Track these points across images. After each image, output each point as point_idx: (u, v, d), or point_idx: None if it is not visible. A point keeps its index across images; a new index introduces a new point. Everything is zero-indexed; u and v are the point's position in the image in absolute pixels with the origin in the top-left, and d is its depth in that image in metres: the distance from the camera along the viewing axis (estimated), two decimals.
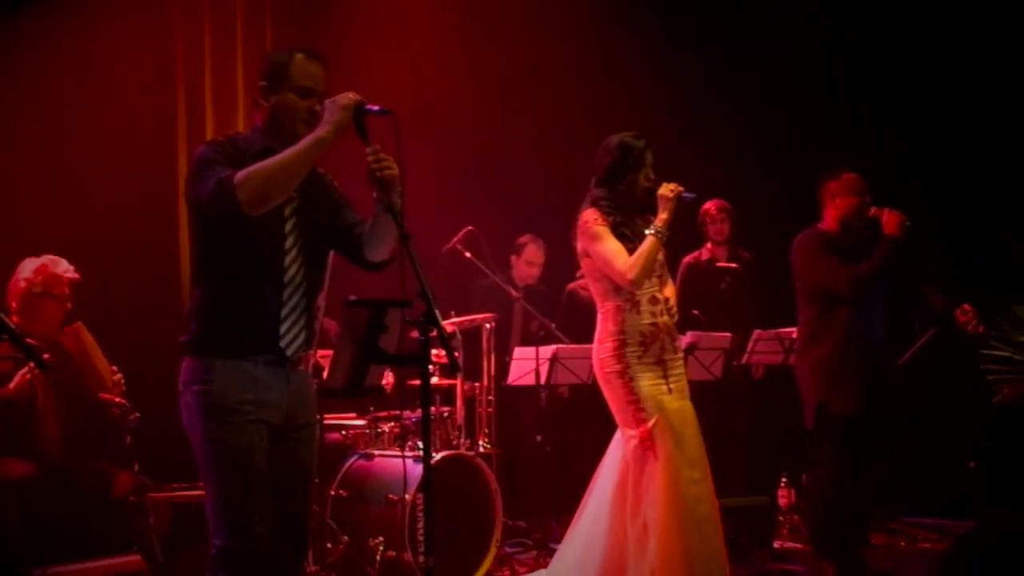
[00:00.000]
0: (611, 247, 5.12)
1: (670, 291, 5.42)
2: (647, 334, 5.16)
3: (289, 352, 3.80)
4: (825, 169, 6.41)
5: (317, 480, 6.25)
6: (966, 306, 6.17)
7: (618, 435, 5.27)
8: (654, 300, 5.21)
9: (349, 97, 3.67)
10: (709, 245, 8.14)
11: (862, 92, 8.75)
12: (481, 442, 7.10)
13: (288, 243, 3.79)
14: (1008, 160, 7.84)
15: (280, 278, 3.77)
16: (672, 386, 5.19)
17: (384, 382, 6.92)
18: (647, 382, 5.13)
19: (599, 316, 5.28)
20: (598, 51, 8.90)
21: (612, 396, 5.22)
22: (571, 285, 8.10)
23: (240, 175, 3.59)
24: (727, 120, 8.94)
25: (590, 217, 5.19)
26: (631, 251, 5.11)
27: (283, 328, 3.77)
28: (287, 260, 3.79)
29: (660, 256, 5.27)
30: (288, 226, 3.80)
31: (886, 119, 8.61)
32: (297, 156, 3.65)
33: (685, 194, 5.17)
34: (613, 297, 5.19)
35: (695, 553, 4.99)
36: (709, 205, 8.05)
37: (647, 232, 5.12)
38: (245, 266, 3.73)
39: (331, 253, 4.00)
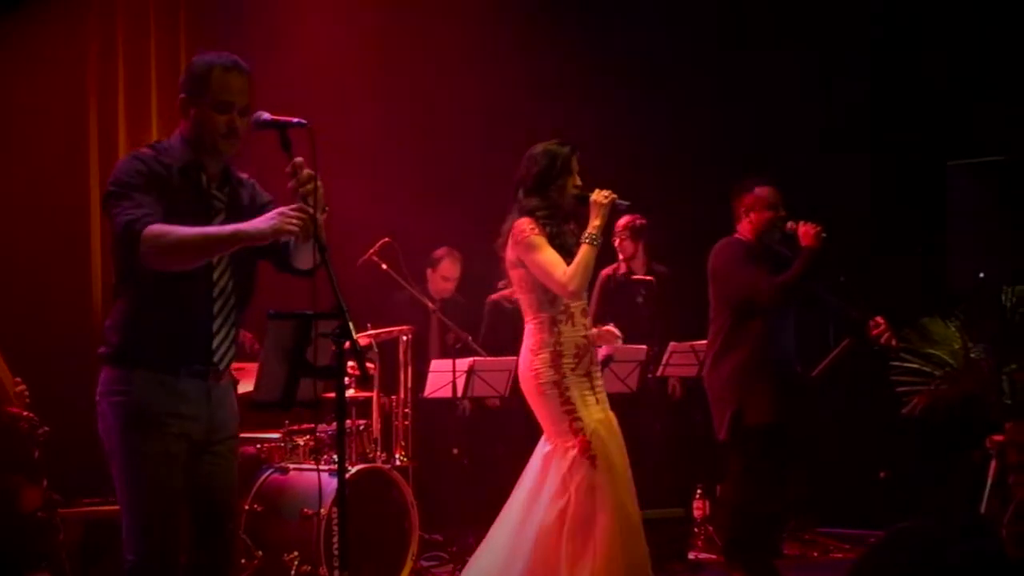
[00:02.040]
0: (550, 257, 5.05)
1: None
2: (581, 346, 5.13)
3: (222, 365, 3.79)
4: (738, 181, 6.43)
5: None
6: (878, 319, 6.23)
7: (541, 448, 5.20)
8: (585, 312, 5.20)
9: (291, 219, 3.56)
10: (621, 257, 8.17)
11: (772, 102, 8.86)
12: (397, 455, 7.07)
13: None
14: (919, 173, 7.97)
15: (210, 290, 3.73)
16: (598, 397, 5.20)
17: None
18: (581, 392, 5.11)
19: (531, 327, 5.19)
20: (524, 63, 8.91)
21: (546, 407, 5.13)
22: (493, 297, 8.09)
23: (152, 232, 3.53)
24: (644, 133, 9.01)
25: (526, 226, 5.09)
26: (567, 261, 5.08)
27: (215, 342, 3.75)
28: (216, 272, 3.74)
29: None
30: None
31: (797, 131, 8.72)
32: (214, 243, 3.61)
33: (619, 201, 5.14)
34: (548, 308, 5.13)
35: (632, 558, 5.01)
36: (619, 221, 8.02)
37: (582, 240, 5.10)
38: (174, 278, 3.65)
39: (257, 263, 3.95)
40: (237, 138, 3.76)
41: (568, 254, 5.07)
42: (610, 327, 5.52)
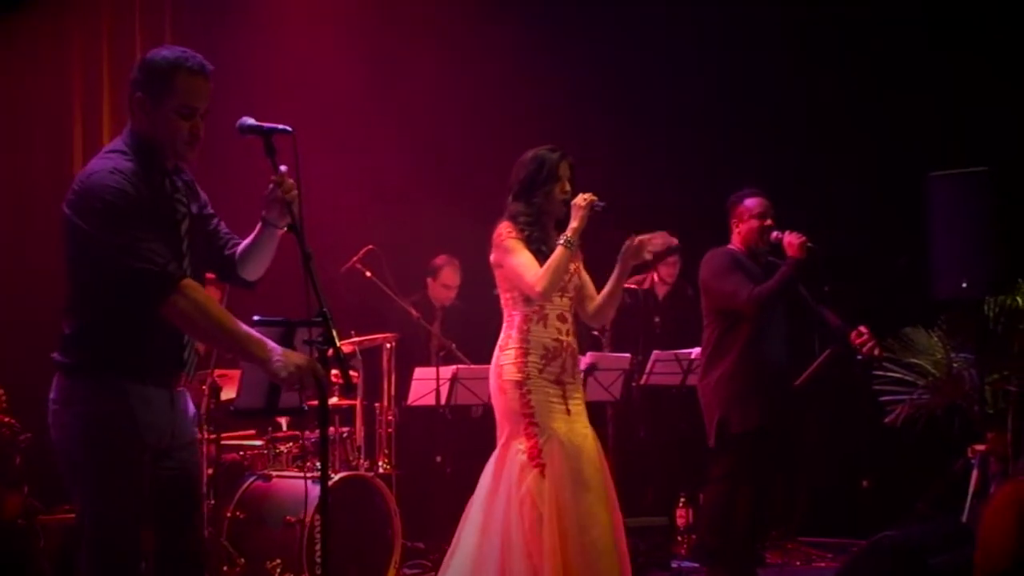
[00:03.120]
0: (522, 260, 5.07)
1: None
2: (550, 348, 5.10)
3: (191, 373, 3.74)
4: (732, 190, 6.46)
5: (213, 501, 6.20)
6: (862, 328, 6.25)
7: (498, 449, 5.15)
8: (562, 318, 5.15)
9: (300, 363, 3.47)
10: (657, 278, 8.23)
11: (763, 112, 8.89)
12: (381, 462, 7.06)
13: (185, 263, 3.65)
14: (901, 184, 7.99)
15: None
16: (571, 408, 5.15)
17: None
18: (545, 397, 5.08)
19: (504, 324, 5.19)
20: (510, 66, 8.91)
21: (506, 406, 5.10)
22: None
23: (189, 293, 3.44)
24: (642, 143, 9.02)
25: (504, 230, 5.13)
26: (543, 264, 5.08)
27: (186, 351, 3.69)
28: None
29: (578, 278, 5.24)
30: (184, 246, 3.67)
31: (780, 143, 8.75)
32: (236, 347, 3.56)
33: (597, 203, 5.12)
34: (521, 307, 5.13)
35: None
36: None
37: (558, 242, 5.10)
38: None
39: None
40: (198, 144, 3.62)
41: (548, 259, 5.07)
42: (664, 233, 5.30)
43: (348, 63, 8.48)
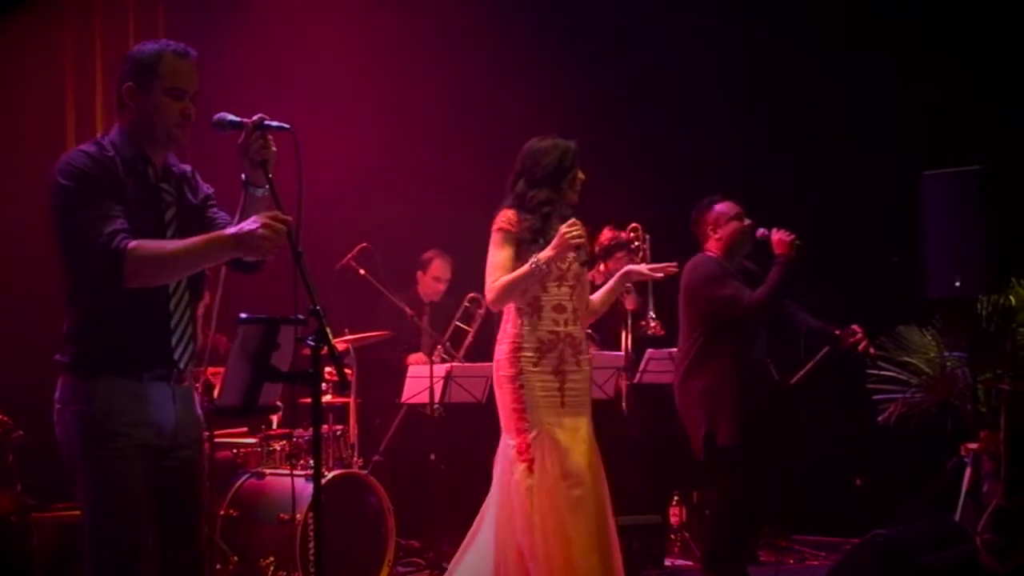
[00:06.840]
0: (498, 260, 5.05)
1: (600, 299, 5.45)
2: (545, 341, 5.06)
3: (182, 364, 3.71)
4: (719, 191, 6.38)
5: (207, 498, 6.19)
6: (855, 327, 6.20)
7: (502, 443, 5.17)
8: (560, 308, 5.11)
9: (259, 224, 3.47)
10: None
11: (746, 111, 8.89)
12: (374, 460, 7.06)
13: None
14: (895, 182, 8.00)
15: (165, 289, 3.65)
16: (567, 399, 5.13)
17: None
18: (538, 392, 5.05)
19: (502, 317, 5.19)
20: (505, 64, 8.90)
21: (501, 400, 5.12)
22: None
23: (135, 250, 3.46)
24: (617, 149, 9.02)
25: (506, 217, 5.10)
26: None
27: (174, 340, 3.67)
28: None
29: (577, 267, 5.22)
30: (169, 234, 3.67)
31: (773, 142, 8.74)
32: (201, 254, 3.56)
33: (583, 249, 5.18)
34: (516, 298, 5.12)
35: (570, 571, 4.91)
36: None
37: (529, 260, 5.01)
38: None
39: None
40: (189, 126, 3.68)
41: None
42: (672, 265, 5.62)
43: (343, 59, 8.46)
